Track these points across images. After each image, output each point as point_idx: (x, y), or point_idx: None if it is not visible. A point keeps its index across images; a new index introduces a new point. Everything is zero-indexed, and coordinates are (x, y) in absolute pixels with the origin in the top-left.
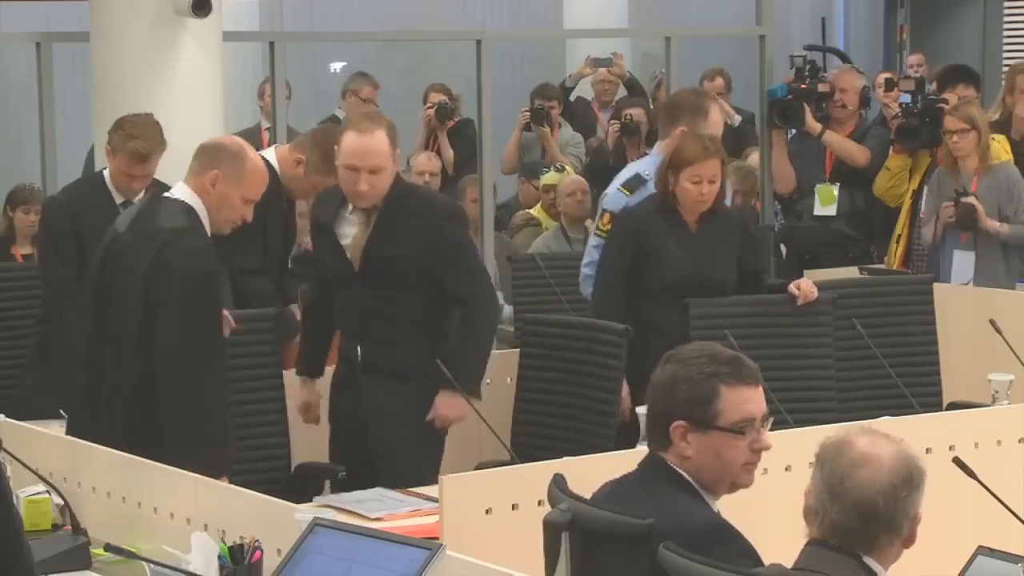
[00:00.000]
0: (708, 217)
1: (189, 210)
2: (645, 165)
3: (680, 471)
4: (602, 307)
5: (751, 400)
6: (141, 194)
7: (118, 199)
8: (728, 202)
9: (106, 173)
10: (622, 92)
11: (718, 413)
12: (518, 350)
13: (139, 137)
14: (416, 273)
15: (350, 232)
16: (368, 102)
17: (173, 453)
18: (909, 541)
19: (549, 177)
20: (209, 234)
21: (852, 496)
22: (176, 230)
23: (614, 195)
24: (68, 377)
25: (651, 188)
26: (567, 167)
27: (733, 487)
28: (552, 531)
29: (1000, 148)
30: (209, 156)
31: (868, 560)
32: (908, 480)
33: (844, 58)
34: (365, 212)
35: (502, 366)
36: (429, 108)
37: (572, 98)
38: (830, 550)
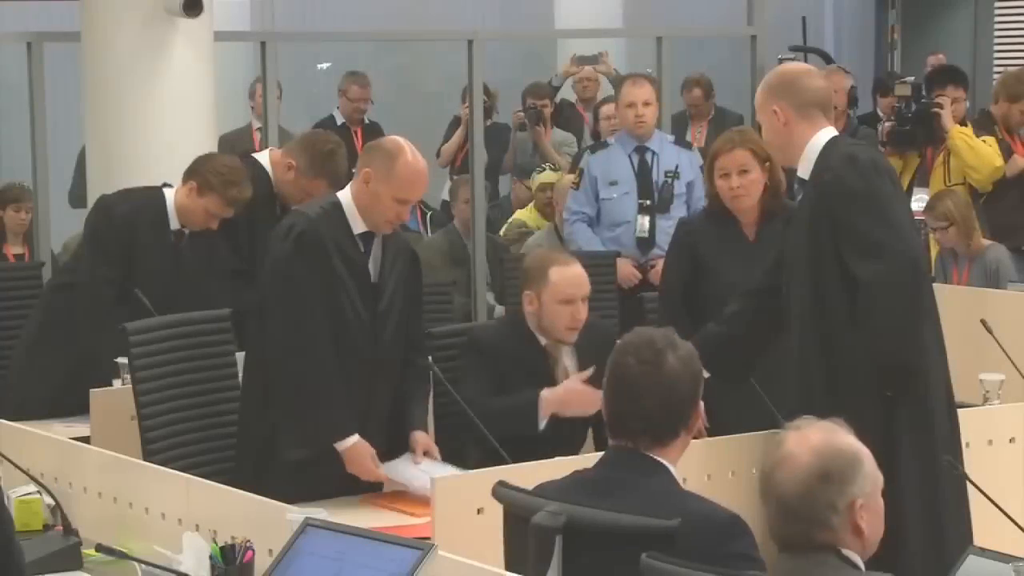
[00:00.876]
0: (766, 223)
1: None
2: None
3: (659, 459)
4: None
5: None
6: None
7: (174, 224)
8: None
9: (168, 195)
10: (608, 90)
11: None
12: None
13: (239, 184)
14: None
15: None
16: (358, 102)
17: None
18: (858, 531)
19: (545, 176)
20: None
21: (774, 499)
22: None
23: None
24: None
25: (611, 144)
26: (561, 167)
27: None
28: (543, 535)
29: (992, 152)
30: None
31: (844, 552)
32: (823, 476)
33: (827, 58)
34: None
35: None
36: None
37: (557, 99)
38: (795, 554)
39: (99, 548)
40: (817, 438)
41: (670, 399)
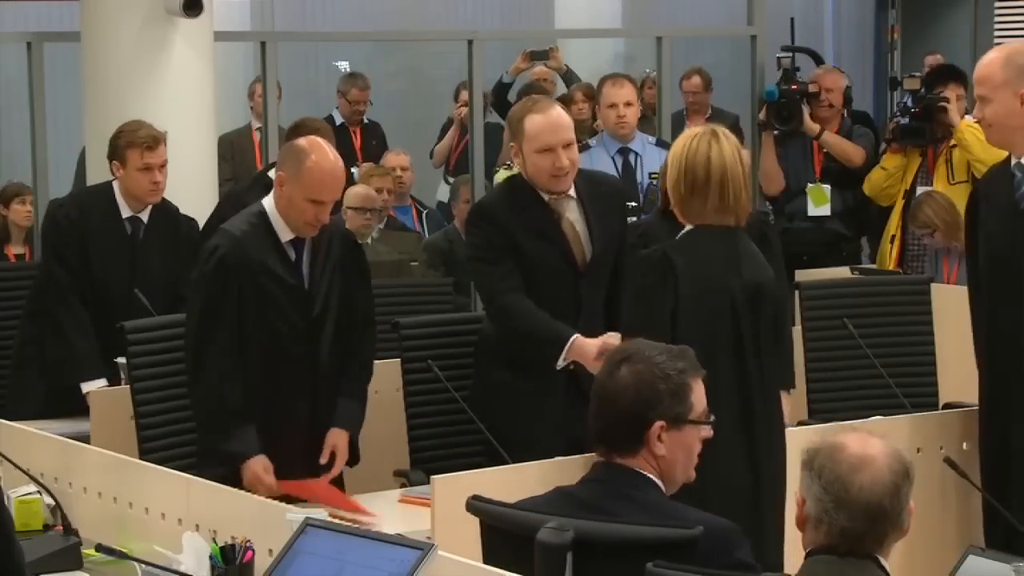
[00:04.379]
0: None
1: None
2: None
3: (647, 474)
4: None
5: (702, 390)
6: (148, 209)
7: (125, 212)
8: None
9: (115, 186)
10: (560, 87)
11: (691, 407)
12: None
13: (139, 129)
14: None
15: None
16: (357, 104)
17: None
18: (905, 532)
19: (501, 175)
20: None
21: (860, 502)
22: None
23: None
24: (64, 378)
25: (593, 146)
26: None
27: (686, 481)
28: (551, 553)
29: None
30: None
31: (881, 560)
32: (905, 475)
33: (817, 59)
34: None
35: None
36: (462, 106)
37: (511, 97)
38: (840, 557)
39: (99, 548)
40: (878, 440)
41: (620, 411)
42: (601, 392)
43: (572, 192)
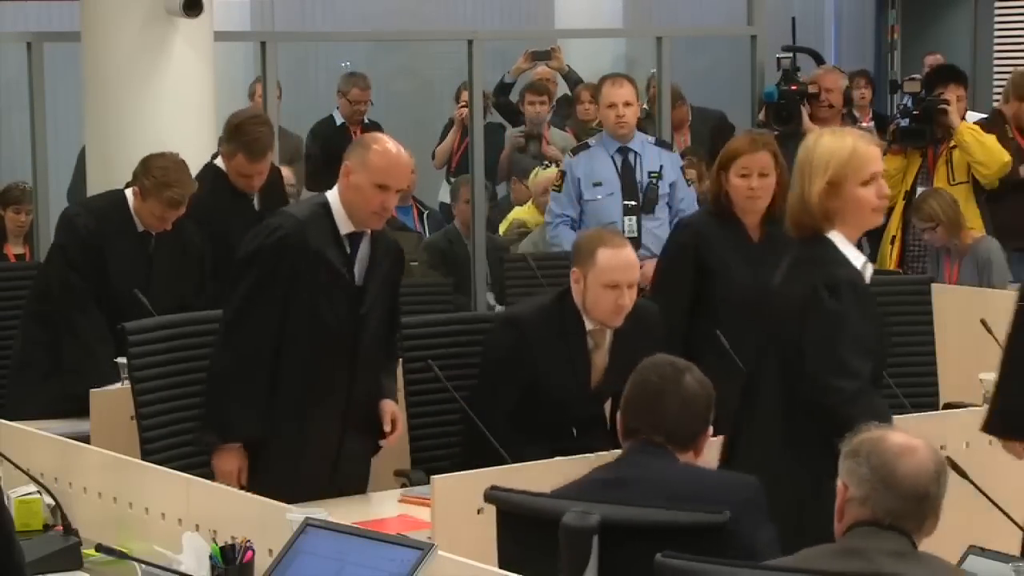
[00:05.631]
0: (771, 224)
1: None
2: None
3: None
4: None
5: None
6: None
7: (139, 227)
8: None
9: (129, 197)
10: (562, 87)
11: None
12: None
13: (174, 185)
14: None
15: None
16: (358, 103)
17: None
18: (936, 524)
19: (549, 172)
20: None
21: (907, 484)
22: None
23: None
24: (83, 382)
25: (593, 145)
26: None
27: None
28: (577, 537)
29: (1000, 148)
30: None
31: (916, 540)
32: (943, 466)
33: (818, 59)
34: None
35: None
36: (463, 106)
37: (513, 96)
38: (883, 528)
39: (99, 548)
40: (914, 436)
41: (688, 411)
42: (669, 392)
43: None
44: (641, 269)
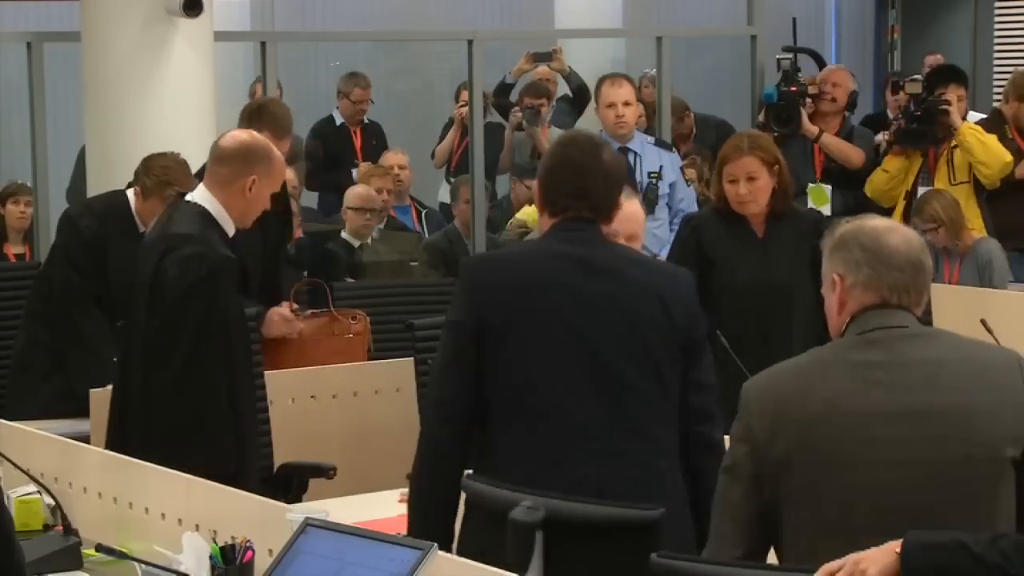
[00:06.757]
0: (775, 220)
1: (203, 212)
2: None
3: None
4: None
5: None
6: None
7: (141, 227)
8: None
9: (131, 198)
10: (563, 88)
11: None
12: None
13: (175, 184)
14: None
15: None
16: (359, 103)
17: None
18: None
19: None
20: (231, 232)
21: (902, 254)
22: (178, 236)
23: None
24: (88, 383)
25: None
26: None
27: None
28: (523, 531)
29: (1002, 148)
30: (243, 160)
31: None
32: (923, 242)
33: (819, 59)
34: None
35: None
36: (462, 106)
37: (512, 97)
38: (891, 308)
39: (99, 548)
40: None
41: (608, 182)
42: (592, 164)
43: None
44: None
